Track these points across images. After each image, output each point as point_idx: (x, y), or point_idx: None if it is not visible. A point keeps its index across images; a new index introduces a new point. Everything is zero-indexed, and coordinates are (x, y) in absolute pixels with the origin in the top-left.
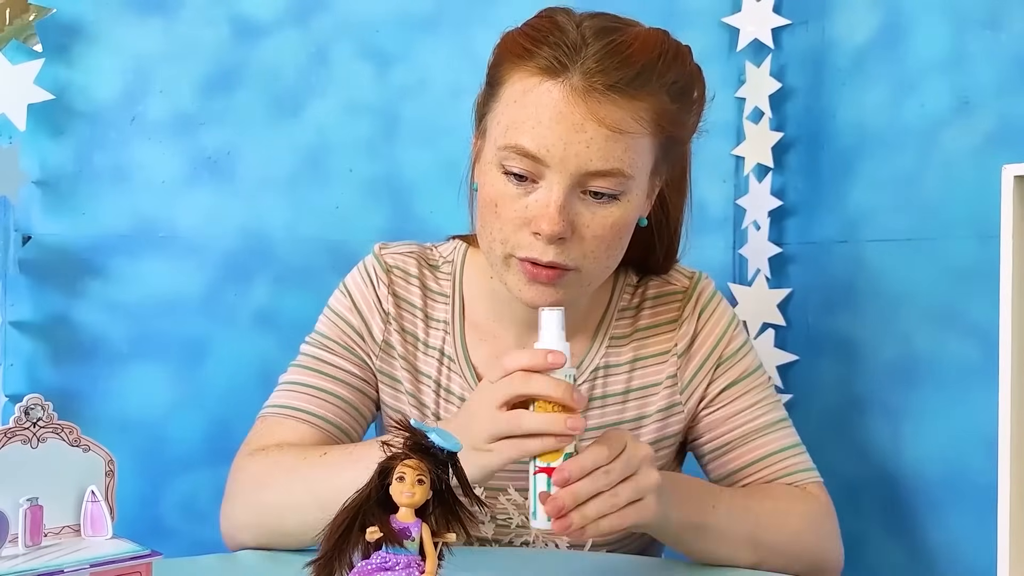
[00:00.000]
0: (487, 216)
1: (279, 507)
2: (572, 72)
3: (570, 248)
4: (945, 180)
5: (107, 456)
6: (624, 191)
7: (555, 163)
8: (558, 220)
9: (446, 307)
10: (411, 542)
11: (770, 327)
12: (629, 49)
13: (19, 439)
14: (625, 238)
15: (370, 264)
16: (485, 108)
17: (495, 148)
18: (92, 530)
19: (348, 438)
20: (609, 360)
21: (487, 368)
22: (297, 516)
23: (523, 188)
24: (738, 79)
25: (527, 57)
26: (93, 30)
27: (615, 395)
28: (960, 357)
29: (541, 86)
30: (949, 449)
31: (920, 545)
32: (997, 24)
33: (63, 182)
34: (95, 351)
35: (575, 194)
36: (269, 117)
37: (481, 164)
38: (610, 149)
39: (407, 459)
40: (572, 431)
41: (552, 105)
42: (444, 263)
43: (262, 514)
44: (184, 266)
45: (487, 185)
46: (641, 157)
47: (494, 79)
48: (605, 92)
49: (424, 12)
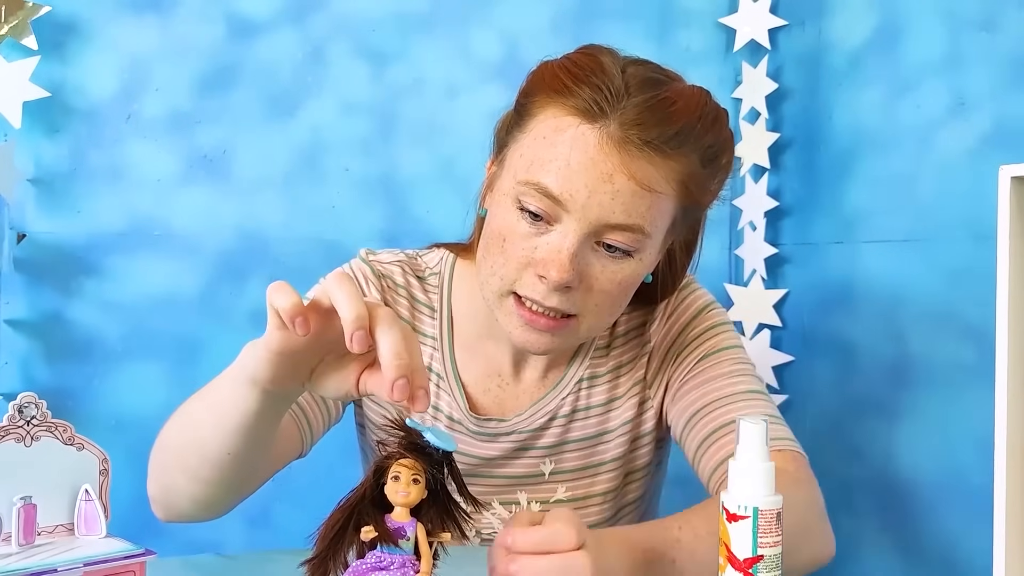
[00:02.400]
0: (492, 248)
1: (177, 446)
2: (610, 119)
3: (573, 297)
4: (941, 181)
5: (101, 455)
6: (639, 249)
7: (576, 209)
8: (568, 268)
9: (434, 322)
10: (406, 541)
11: (766, 328)
12: (672, 107)
13: (12, 437)
14: (630, 294)
15: (357, 267)
16: (508, 136)
17: (514, 181)
18: (86, 529)
19: (307, 421)
20: (595, 371)
21: (477, 387)
22: (193, 442)
23: (536, 228)
24: (735, 80)
25: (565, 94)
26: (89, 28)
27: (598, 406)
28: (956, 358)
29: (576, 128)
30: (945, 450)
31: (916, 545)
32: (993, 25)
33: (58, 180)
34: (90, 349)
35: (588, 244)
36: (265, 116)
37: (495, 193)
38: (635, 205)
39: (402, 458)
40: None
41: (584, 150)
42: (431, 274)
43: (165, 460)
44: (179, 265)
45: (498, 217)
46: (662, 217)
47: (524, 109)
48: (641, 147)
49: (420, 11)
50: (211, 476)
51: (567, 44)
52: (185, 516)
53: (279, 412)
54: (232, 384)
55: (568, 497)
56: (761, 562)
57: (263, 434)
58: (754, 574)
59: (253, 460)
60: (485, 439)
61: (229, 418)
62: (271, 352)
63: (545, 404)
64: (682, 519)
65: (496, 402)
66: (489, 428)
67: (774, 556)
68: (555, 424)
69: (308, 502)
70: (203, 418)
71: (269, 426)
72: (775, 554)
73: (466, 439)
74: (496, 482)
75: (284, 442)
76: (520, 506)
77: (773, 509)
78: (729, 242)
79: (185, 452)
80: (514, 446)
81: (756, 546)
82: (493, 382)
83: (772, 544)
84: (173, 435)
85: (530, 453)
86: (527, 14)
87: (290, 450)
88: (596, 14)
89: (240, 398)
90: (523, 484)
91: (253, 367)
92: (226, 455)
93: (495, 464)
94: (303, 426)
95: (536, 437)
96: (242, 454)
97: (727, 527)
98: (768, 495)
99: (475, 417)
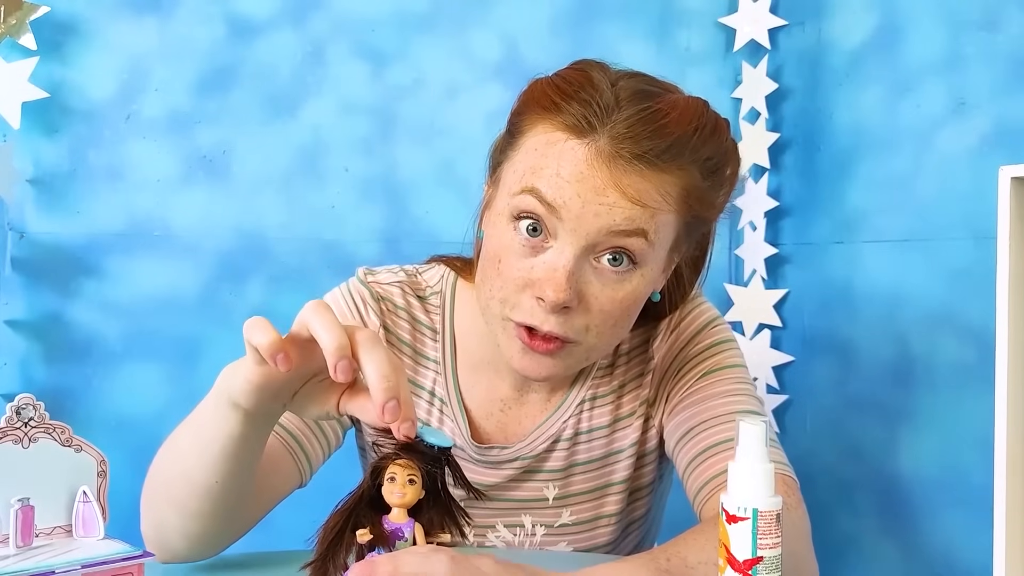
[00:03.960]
0: (489, 271)
1: (164, 480)
2: (600, 134)
3: (573, 319)
4: (941, 181)
5: (99, 456)
6: (641, 261)
7: (570, 219)
8: (565, 287)
9: (436, 344)
10: (403, 542)
11: (766, 328)
12: (664, 119)
13: (10, 439)
14: (634, 314)
15: (355, 289)
16: (502, 156)
17: (508, 196)
18: (84, 531)
19: (302, 450)
20: (596, 392)
21: (480, 411)
22: (180, 475)
23: (532, 246)
24: (734, 79)
25: (554, 111)
26: (88, 28)
27: (602, 427)
28: (956, 358)
29: (565, 143)
30: (945, 450)
31: (916, 546)
32: (993, 26)
33: (57, 180)
34: (89, 350)
35: (587, 261)
36: (264, 116)
37: (490, 214)
38: (634, 214)
39: (398, 459)
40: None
41: (574, 164)
42: (432, 294)
43: (156, 496)
44: (179, 265)
45: (493, 237)
46: (663, 230)
47: (515, 128)
48: (631, 161)
49: (420, 11)
50: (200, 508)
51: (567, 44)
52: (180, 555)
53: (263, 434)
54: (214, 408)
55: (574, 520)
56: (761, 563)
57: (248, 458)
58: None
59: (240, 488)
60: (488, 467)
61: (213, 443)
62: (252, 385)
63: (546, 428)
64: (671, 550)
65: (499, 427)
66: (491, 456)
67: (774, 557)
68: (559, 448)
69: (308, 504)
70: (188, 446)
71: (253, 449)
72: (775, 555)
73: (468, 466)
74: (500, 506)
75: (276, 476)
76: (524, 528)
77: (773, 510)
78: (729, 242)
79: (173, 485)
80: (517, 472)
81: (756, 547)
82: (496, 406)
83: (772, 545)
84: (160, 469)
85: (535, 477)
86: (527, 14)
87: (283, 485)
88: (595, 14)
89: (223, 421)
90: (527, 508)
91: (235, 392)
92: (213, 483)
93: (499, 489)
94: (299, 458)
95: (540, 461)
96: (228, 482)
97: (726, 528)
98: (768, 496)
99: (477, 445)
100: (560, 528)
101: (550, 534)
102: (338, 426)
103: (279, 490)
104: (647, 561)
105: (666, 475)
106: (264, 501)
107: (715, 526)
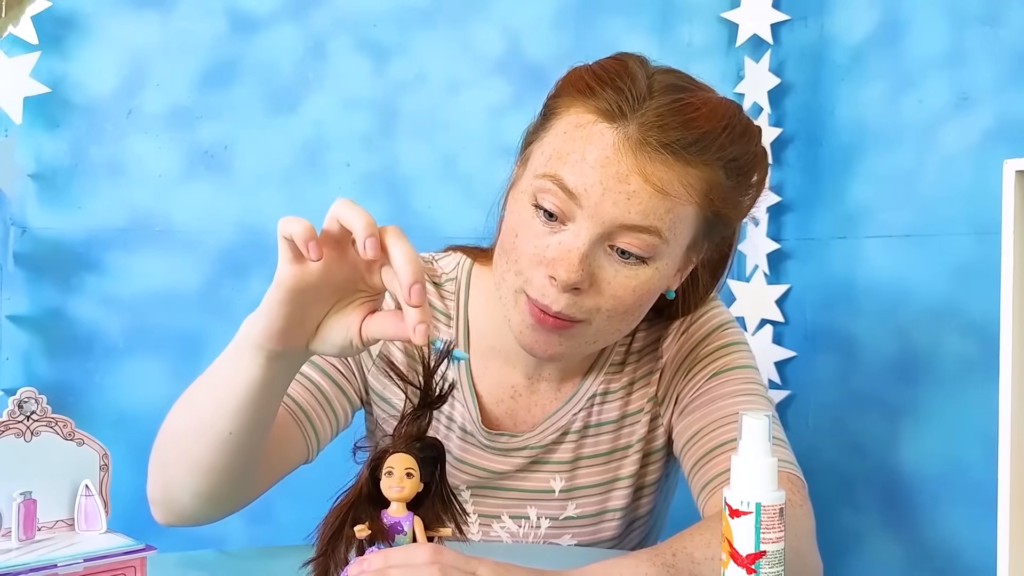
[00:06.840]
0: (506, 245)
1: (176, 435)
2: (630, 121)
3: (584, 300)
4: (944, 176)
5: (101, 450)
6: (655, 256)
7: (589, 206)
8: (577, 268)
9: (450, 329)
10: (403, 536)
11: (768, 323)
12: (695, 112)
13: (12, 432)
14: (645, 306)
15: None
16: (533, 137)
17: (532, 176)
18: (86, 524)
19: (311, 425)
20: (608, 387)
21: (491, 398)
22: (193, 428)
23: (550, 227)
24: (737, 75)
25: (588, 95)
26: (89, 23)
27: (610, 422)
28: (959, 353)
29: (595, 126)
30: (948, 445)
31: (919, 542)
32: (996, 20)
33: (59, 175)
34: (91, 345)
35: (602, 246)
36: (266, 111)
37: (515, 191)
38: (652, 207)
39: (395, 453)
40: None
41: (601, 148)
42: (447, 280)
43: (165, 454)
44: (180, 260)
45: (514, 214)
46: (682, 225)
47: (549, 110)
48: (658, 149)
49: (422, 6)
50: (212, 462)
51: (569, 39)
52: (186, 514)
53: (283, 381)
54: (235, 355)
55: (579, 514)
56: (764, 558)
57: (265, 408)
58: (757, 570)
59: (253, 444)
60: (496, 453)
61: (231, 392)
62: (284, 291)
63: (557, 419)
64: (676, 545)
65: (509, 414)
66: (500, 443)
67: (777, 552)
68: (567, 440)
69: (309, 498)
70: (203, 397)
71: (272, 397)
72: (778, 550)
73: (477, 452)
74: (507, 495)
75: (286, 444)
76: (530, 520)
77: (776, 505)
78: None
79: (185, 440)
80: (525, 462)
81: (759, 542)
82: (507, 393)
83: (775, 540)
84: (172, 425)
85: (543, 468)
86: (529, 9)
87: (293, 454)
88: (598, 9)
89: (244, 368)
90: (533, 499)
91: (258, 334)
92: (227, 435)
93: (507, 478)
94: (308, 432)
95: (548, 452)
96: (242, 434)
97: (729, 523)
98: (771, 491)
99: (487, 431)
100: (565, 521)
101: (555, 527)
102: (347, 403)
103: (288, 459)
104: (652, 556)
105: (672, 473)
106: (272, 467)
107: (719, 522)
